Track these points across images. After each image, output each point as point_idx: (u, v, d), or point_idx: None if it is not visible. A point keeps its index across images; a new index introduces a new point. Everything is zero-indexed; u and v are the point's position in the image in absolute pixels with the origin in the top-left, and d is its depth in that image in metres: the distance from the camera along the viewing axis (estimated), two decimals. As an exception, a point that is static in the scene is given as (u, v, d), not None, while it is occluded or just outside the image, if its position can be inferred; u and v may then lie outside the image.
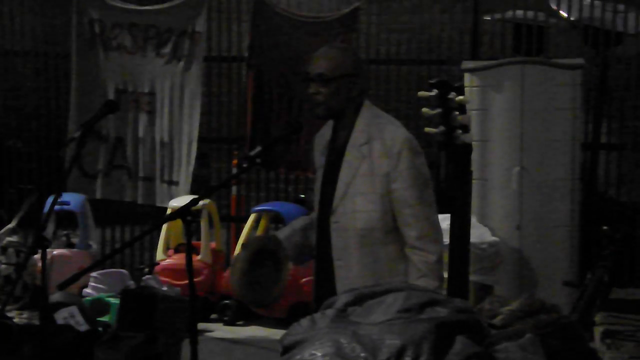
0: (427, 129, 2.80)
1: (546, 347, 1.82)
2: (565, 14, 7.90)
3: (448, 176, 2.81)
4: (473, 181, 6.75)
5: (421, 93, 2.78)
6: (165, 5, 7.89)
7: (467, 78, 6.88)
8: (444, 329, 1.74)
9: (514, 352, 1.81)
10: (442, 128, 2.72)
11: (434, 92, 2.73)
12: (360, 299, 2.02)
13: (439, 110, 2.72)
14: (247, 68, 7.98)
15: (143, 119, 7.93)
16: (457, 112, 2.71)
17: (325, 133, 3.80)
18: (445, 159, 2.86)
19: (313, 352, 1.80)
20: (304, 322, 2.03)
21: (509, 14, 8.16)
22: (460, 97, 2.71)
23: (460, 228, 2.78)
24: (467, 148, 2.74)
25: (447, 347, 1.72)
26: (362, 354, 1.72)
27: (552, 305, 2.10)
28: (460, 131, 2.71)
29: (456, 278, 2.78)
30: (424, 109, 2.77)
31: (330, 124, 3.76)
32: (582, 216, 6.99)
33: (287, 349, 1.93)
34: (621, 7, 7.86)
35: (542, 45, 7.99)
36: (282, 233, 3.78)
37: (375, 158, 3.56)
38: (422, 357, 1.69)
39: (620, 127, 8.43)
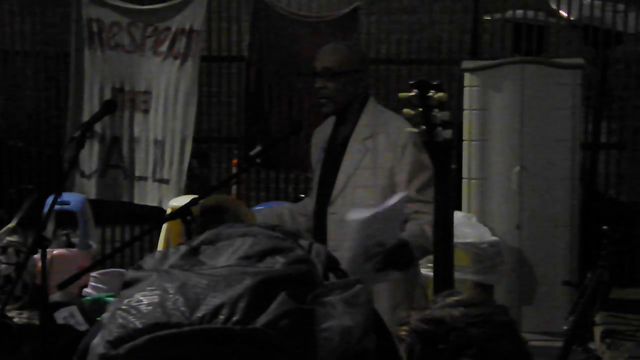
0: (408, 129, 2.81)
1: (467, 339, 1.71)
2: (565, 14, 7.89)
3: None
4: (473, 181, 6.84)
5: (402, 94, 2.79)
6: (164, 4, 7.87)
7: (467, 78, 6.87)
8: (267, 286, 1.68)
9: (336, 306, 1.73)
10: (422, 127, 2.72)
11: (414, 92, 2.73)
12: (218, 239, 1.91)
13: (419, 110, 2.72)
14: (247, 67, 7.97)
15: (139, 118, 7.88)
16: (437, 109, 2.71)
17: (323, 129, 3.79)
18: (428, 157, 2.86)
19: (141, 297, 1.73)
20: (158, 255, 1.96)
21: (509, 14, 8.15)
22: (440, 94, 2.71)
23: (444, 222, 2.77)
24: (448, 143, 2.74)
25: (266, 305, 1.66)
26: (182, 308, 1.68)
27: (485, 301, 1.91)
28: (440, 128, 2.71)
29: (440, 274, 2.76)
30: (405, 110, 2.77)
31: (330, 120, 3.75)
32: (582, 216, 6.99)
33: (126, 284, 1.82)
34: (621, 7, 7.85)
35: (542, 45, 7.98)
36: (261, 213, 3.77)
37: (379, 151, 3.56)
38: (236, 316, 1.65)
39: (620, 127, 8.42)
